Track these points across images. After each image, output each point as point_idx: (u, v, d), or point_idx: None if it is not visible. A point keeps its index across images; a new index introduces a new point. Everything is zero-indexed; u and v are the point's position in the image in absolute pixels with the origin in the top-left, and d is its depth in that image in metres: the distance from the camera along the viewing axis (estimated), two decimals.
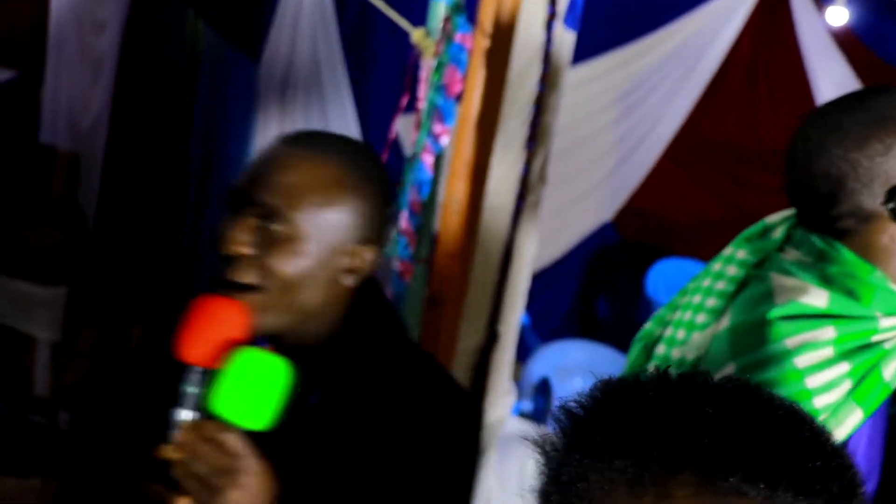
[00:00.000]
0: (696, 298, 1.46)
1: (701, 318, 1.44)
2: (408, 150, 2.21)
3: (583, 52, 5.16)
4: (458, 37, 2.07)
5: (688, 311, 1.46)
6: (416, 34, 2.12)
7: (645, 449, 0.61)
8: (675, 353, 1.48)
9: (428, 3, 2.18)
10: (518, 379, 3.46)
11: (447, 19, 2.10)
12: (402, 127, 2.63)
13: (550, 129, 3.03)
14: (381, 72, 5.67)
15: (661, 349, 1.48)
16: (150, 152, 6.27)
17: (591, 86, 5.74)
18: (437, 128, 2.10)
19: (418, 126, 2.13)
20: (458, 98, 2.13)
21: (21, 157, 5.66)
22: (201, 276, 6.24)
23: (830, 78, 5.60)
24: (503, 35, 2.43)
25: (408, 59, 2.16)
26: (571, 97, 5.27)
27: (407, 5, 2.26)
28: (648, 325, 1.53)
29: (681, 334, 1.45)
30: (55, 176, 5.78)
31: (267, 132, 5.94)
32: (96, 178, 5.93)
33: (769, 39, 5.75)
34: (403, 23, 2.14)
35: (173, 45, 6.10)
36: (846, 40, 5.63)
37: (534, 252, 3.15)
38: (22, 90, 5.80)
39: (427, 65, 2.11)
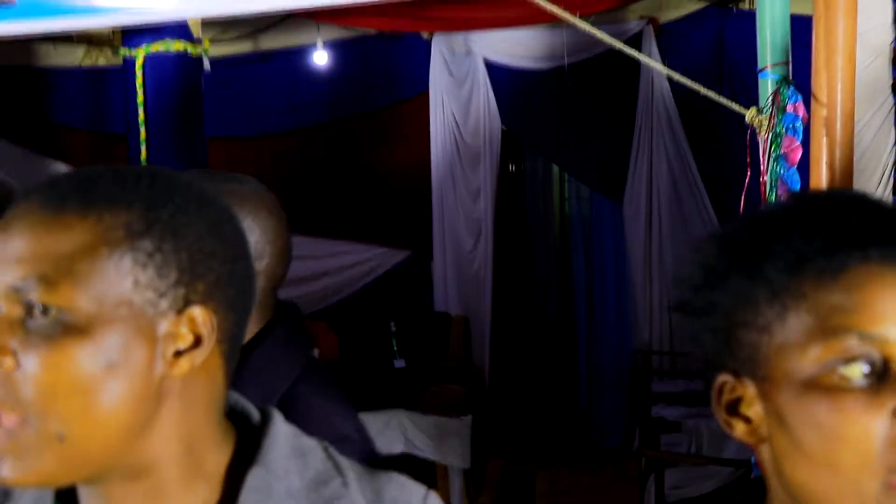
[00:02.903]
0: None
1: None
2: None
3: None
4: (789, 107, 2.12)
5: None
6: (749, 113, 2.20)
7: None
8: None
9: (756, 82, 2.26)
10: None
11: (776, 92, 2.17)
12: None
13: None
14: (733, 168, 5.69)
15: None
16: (532, 305, 6.68)
17: None
18: (784, 195, 2.14)
19: (765, 198, 2.18)
20: (799, 165, 2.16)
21: (421, 324, 6.27)
22: (599, 418, 6.40)
23: None
24: (843, 102, 2.44)
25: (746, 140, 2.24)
26: None
27: (734, 91, 2.36)
28: None
29: None
30: (451, 338, 6.30)
31: (637, 268, 6.12)
32: (486, 337, 6.40)
33: None
34: (736, 107, 2.23)
35: (542, 199, 6.57)
36: None
37: None
38: (415, 266, 6.49)
39: (764, 139, 2.17)
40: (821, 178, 2.44)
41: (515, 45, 6.04)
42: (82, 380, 0.78)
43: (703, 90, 2.16)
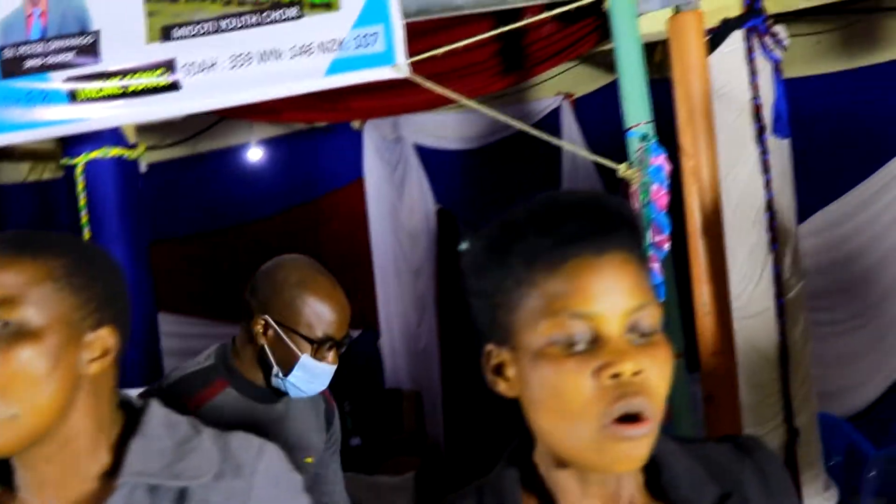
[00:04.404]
0: None
1: None
2: None
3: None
4: (653, 160, 2.42)
5: None
6: (622, 168, 2.50)
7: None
8: None
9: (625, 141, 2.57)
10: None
11: (640, 149, 2.47)
12: None
13: (791, 229, 3.23)
14: None
15: None
16: (481, 375, 6.89)
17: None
18: (657, 238, 2.43)
19: None
20: (668, 210, 2.46)
21: (374, 402, 6.45)
22: None
23: None
24: (707, 152, 2.76)
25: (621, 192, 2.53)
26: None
27: (608, 150, 2.66)
28: None
29: None
30: (404, 413, 6.49)
31: None
32: (439, 409, 6.59)
33: None
34: (611, 164, 2.53)
35: None
36: None
37: (810, 346, 3.27)
38: (365, 345, 6.69)
39: (634, 190, 2.47)
40: (695, 220, 2.74)
41: (441, 128, 6.39)
42: (32, 373, 1.12)
43: (582, 152, 2.46)
